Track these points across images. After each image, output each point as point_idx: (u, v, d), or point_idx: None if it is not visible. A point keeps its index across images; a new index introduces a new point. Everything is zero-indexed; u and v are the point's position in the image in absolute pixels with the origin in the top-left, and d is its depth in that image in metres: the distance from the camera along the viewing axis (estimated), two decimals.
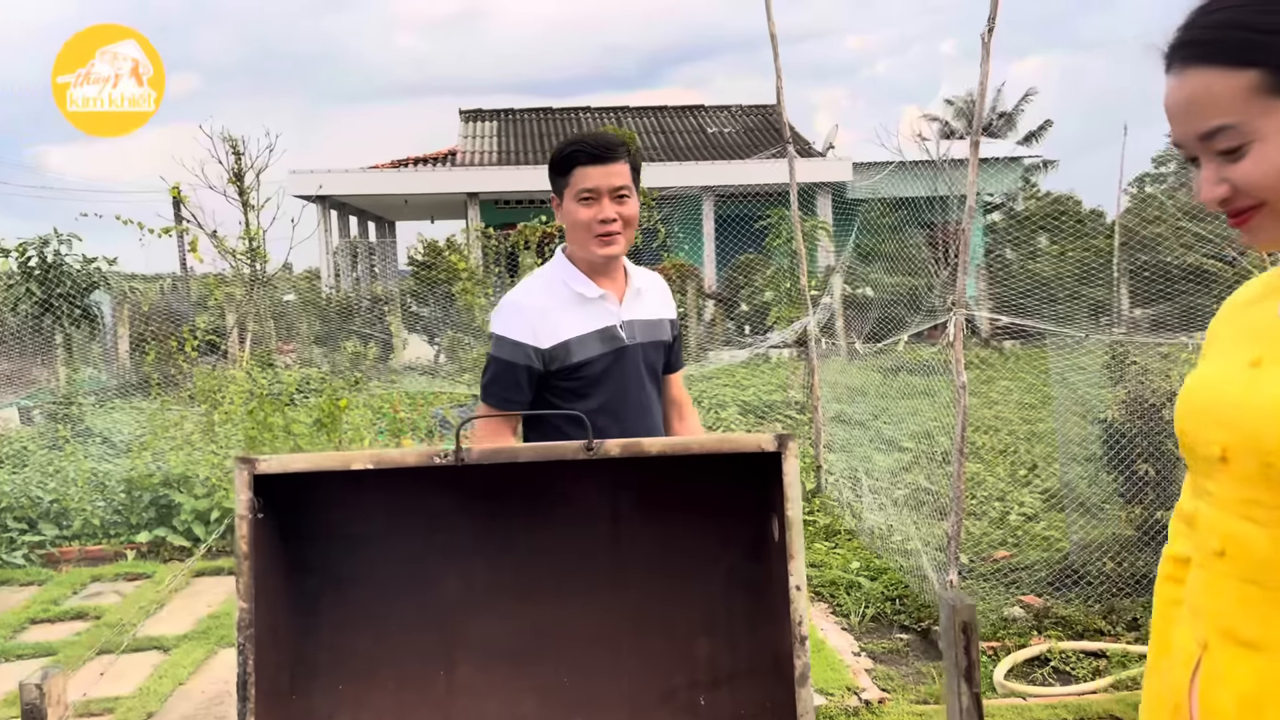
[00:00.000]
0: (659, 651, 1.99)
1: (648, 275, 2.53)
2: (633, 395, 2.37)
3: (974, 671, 1.41)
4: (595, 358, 2.32)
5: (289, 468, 1.66)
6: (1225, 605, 1.08)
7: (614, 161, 2.30)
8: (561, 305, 2.34)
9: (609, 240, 2.31)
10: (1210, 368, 1.17)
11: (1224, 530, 1.09)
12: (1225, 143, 1.03)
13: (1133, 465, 4.67)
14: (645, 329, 2.41)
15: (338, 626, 1.92)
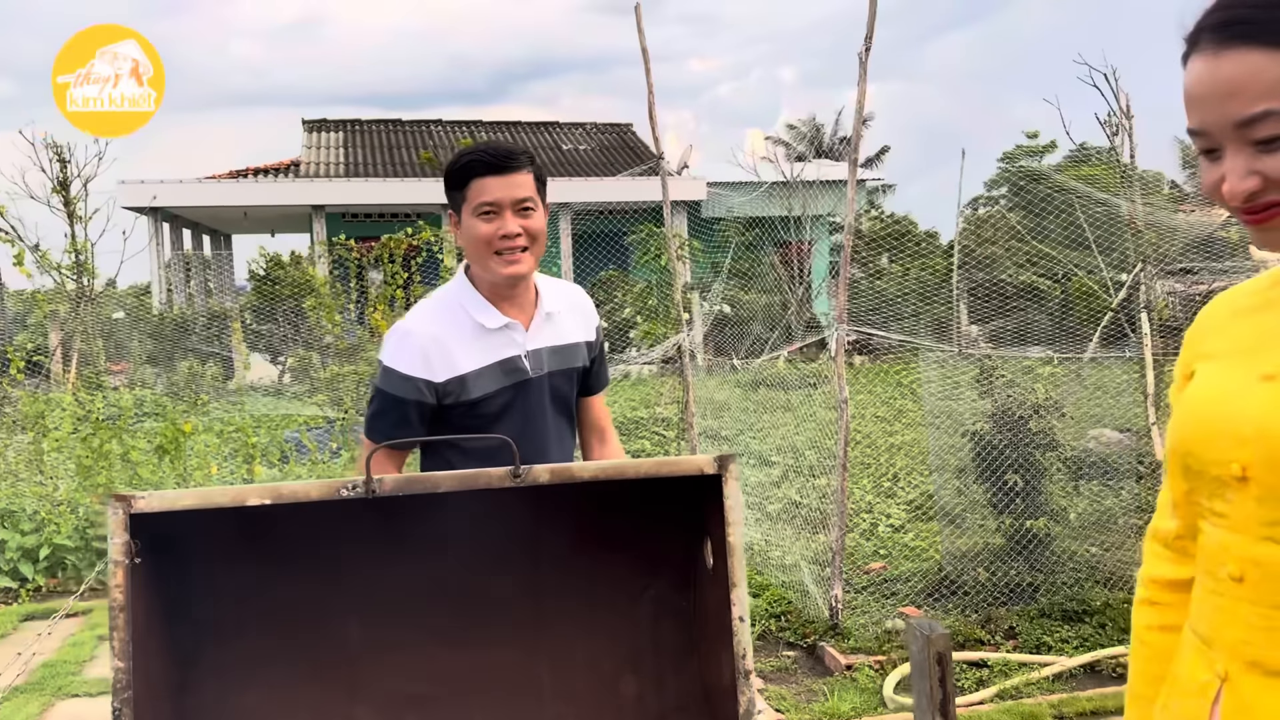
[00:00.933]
0: (583, 693, 1.84)
1: (565, 293, 2.31)
2: (538, 430, 2.18)
3: (949, 705, 1.32)
4: (495, 393, 2.13)
5: (173, 505, 1.43)
6: (1248, 634, 1.02)
7: (515, 171, 2.10)
8: (459, 334, 2.13)
9: (513, 259, 2.10)
10: (1214, 383, 1.10)
11: (1243, 554, 1.02)
12: (1267, 130, 0.95)
13: (1002, 476, 4.81)
14: (555, 357, 2.21)
15: (224, 681, 1.69)
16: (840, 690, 3.92)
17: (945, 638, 1.30)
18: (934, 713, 1.31)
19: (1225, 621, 1.05)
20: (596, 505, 1.81)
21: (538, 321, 2.19)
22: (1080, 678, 4.02)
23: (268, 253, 17.40)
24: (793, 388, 11.39)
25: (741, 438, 8.85)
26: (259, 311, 15.94)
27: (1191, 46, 0.99)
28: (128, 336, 13.26)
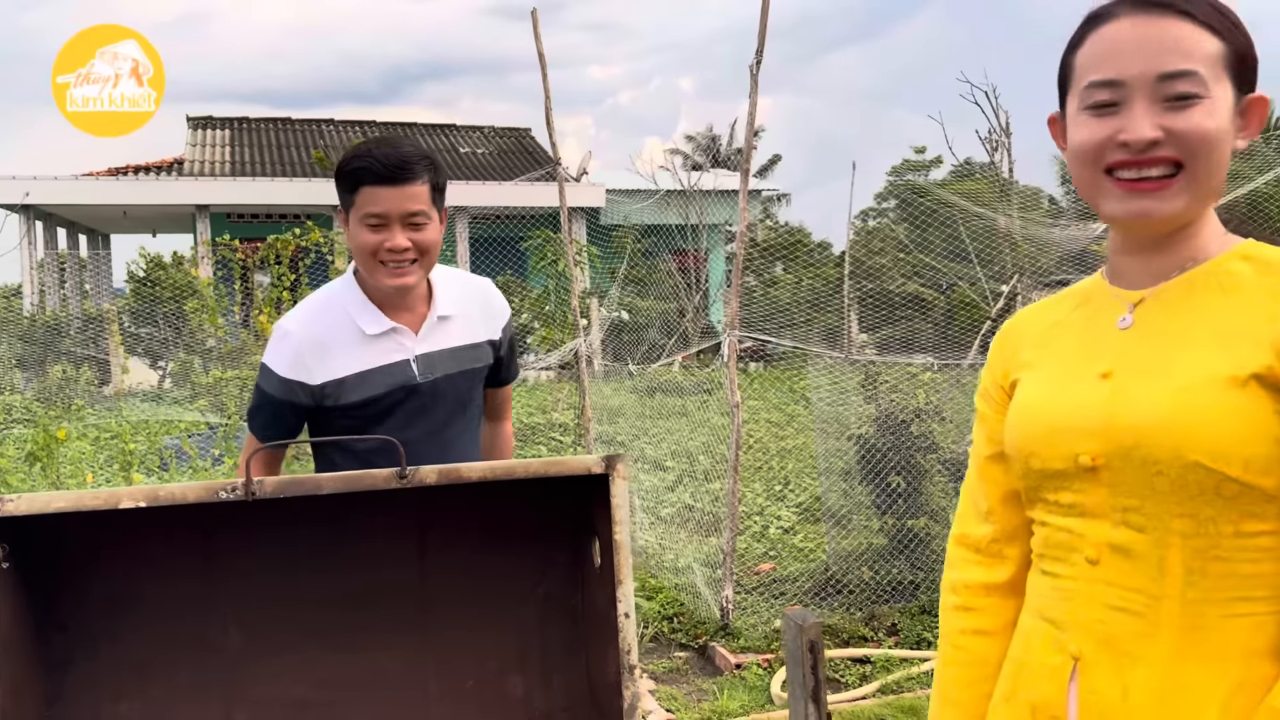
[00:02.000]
0: (469, 692, 1.85)
1: (468, 291, 2.22)
2: (430, 433, 2.12)
3: (820, 691, 1.38)
4: (379, 396, 2.06)
5: (44, 508, 1.39)
6: (1102, 614, 1.09)
7: (409, 183, 1.96)
8: (341, 337, 2.05)
9: (399, 272, 2.00)
10: (1048, 387, 1.18)
11: (1098, 539, 1.09)
12: (1184, 87, 1.05)
13: (885, 478, 4.97)
14: (450, 360, 2.14)
15: (96, 691, 1.64)
16: (729, 689, 4.00)
17: (816, 627, 1.37)
18: (806, 699, 1.37)
19: (1079, 605, 1.11)
20: (486, 505, 1.82)
21: (429, 325, 2.11)
22: None
23: (148, 253, 16.74)
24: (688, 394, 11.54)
25: (637, 443, 8.92)
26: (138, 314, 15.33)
27: (1105, 16, 1.10)
28: None
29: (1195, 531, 1.03)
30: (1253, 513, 1.01)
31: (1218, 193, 1.09)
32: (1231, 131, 1.08)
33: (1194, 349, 1.05)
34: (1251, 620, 1.01)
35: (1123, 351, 1.11)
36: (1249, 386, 1.00)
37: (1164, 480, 1.03)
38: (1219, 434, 1.00)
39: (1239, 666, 1.02)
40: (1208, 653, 1.03)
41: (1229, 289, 1.06)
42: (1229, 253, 1.09)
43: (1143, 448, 1.04)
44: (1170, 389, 1.04)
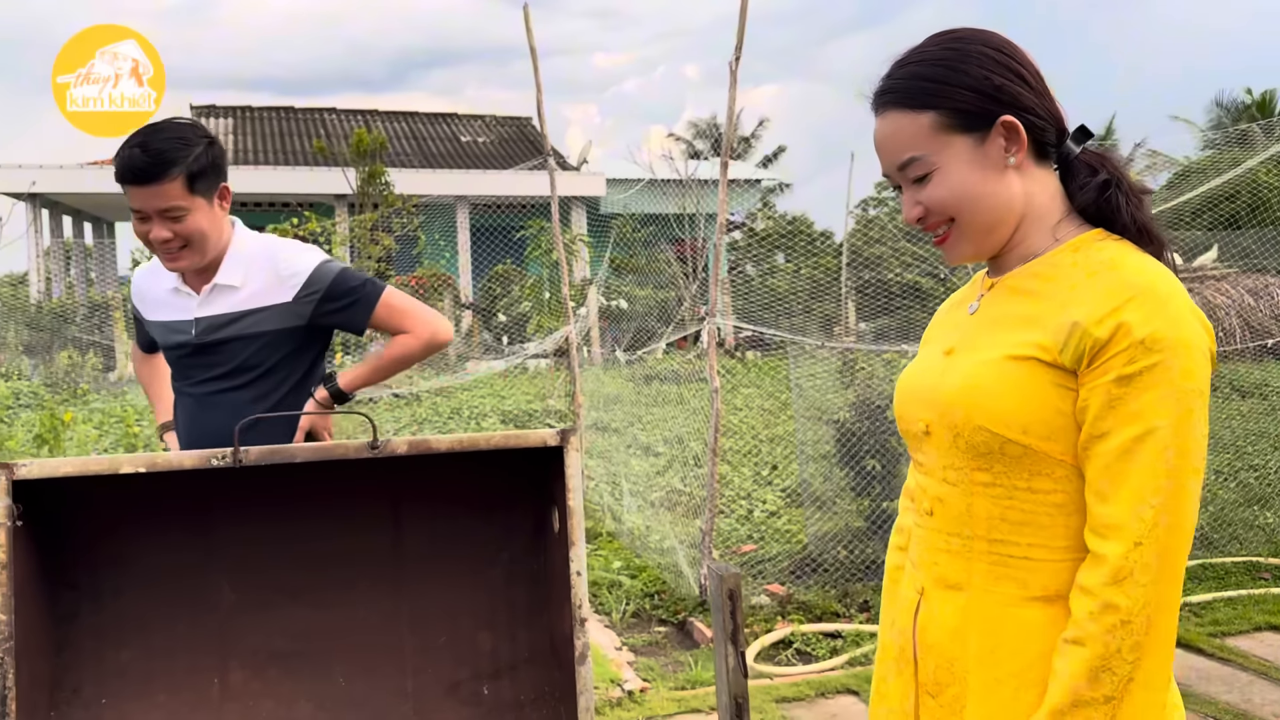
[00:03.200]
0: (442, 646, 2.03)
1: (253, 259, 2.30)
2: (216, 392, 2.29)
3: (739, 634, 1.56)
4: (170, 346, 2.35)
5: (53, 472, 1.58)
6: (935, 556, 1.30)
7: (157, 182, 2.09)
8: (158, 287, 2.37)
9: (171, 258, 2.21)
10: (919, 360, 1.41)
11: (932, 493, 1.30)
12: (916, 171, 1.24)
13: (862, 462, 5.15)
14: (229, 325, 2.27)
15: (101, 640, 1.83)
16: (704, 661, 4.18)
17: (736, 577, 1.54)
18: (726, 640, 1.55)
19: (922, 549, 1.33)
20: (457, 474, 2.00)
21: (207, 291, 2.27)
22: None
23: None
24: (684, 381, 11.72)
25: (630, 429, 9.10)
26: None
27: (872, 109, 1.30)
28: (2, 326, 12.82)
29: (992, 482, 1.21)
30: (1042, 472, 1.18)
31: (1006, 218, 1.25)
32: (988, 168, 1.23)
33: (1001, 331, 1.24)
34: (1050, 565, 1.19)
35: (964, 333, 1.31)
36: (1028, 364, 1.17)
37: (963, 440, 1.22)
38: (997, 403, 1.18)
39: (1040, 602, 1.20)
40: (1012, 587, 1.21)
41: (1046, 278, 1.22)
42: (1060, 248, 1.24)
43: (948, 414, 1.24)
44: (970, 365, 1.23)
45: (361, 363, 2.49)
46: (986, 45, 1.24)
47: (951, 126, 1.22)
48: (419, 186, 15.96)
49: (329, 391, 2.39)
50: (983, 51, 1.23)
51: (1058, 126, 1.26)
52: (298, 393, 2.37)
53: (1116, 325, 1.12)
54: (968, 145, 1.22)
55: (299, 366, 2.37)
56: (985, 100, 1.22)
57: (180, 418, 2.40)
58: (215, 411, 2.27)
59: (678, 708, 3.74)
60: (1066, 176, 1.27)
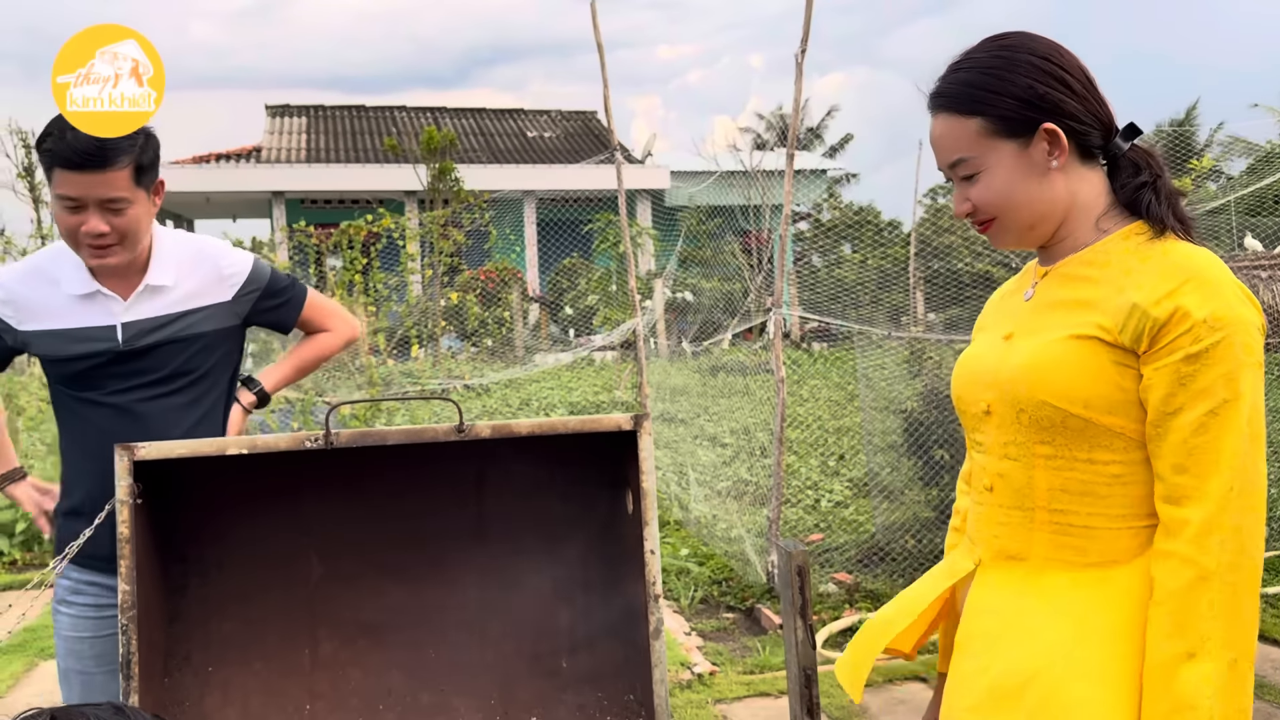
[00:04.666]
0: (521, 621, 2.12)
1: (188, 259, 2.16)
2: (136, 393, 2.09)
3: (808, 609, 1.62)
4: (79, 355, 2.05)
5: (168, 454, 1.70)
6: (995, 529, 1.37)
7: (103, 170, 1.91)
8: (47, 292, 2.07)
9: (101, 255, 1.98)
10: (976, 345, 1.48)
11: (992, 470, 1.37)
12: (964, 171, 1.33)
13: (930, 451, 5.15)
14: (161, 328, 2.09)
15: (205, 611, 1.96)
16: (773, 646, 4.24)
17: (804, 554, 1.60)
18: (795, 614, 1.61)
19: (982, 523, 1.40)
20: (536, 458, 2.09)
21: (138, 294, 2.08)
22: None
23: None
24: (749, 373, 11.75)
25: (698, 421, 9.16)
26: None
27: (928, 108, 1.38)
28: None
29: (1054, 455, 1.27)
30: (1101, 444, 1.24)
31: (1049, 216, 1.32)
32: (1031, 171, 1.30)
33: (1059, 314, 1.30)
34: (1108, 533, 1.26)
35: (1021, 318, 1.38)
36: (1090, 343, 1.24)
37: (1025, 416, 1.29)
38: (1061, 379, 1.25)
39: (1096, 567, 1.26)
40: (1071, 555, 1.28)
41: (1099, 265, 1.29)
42: (1110, 237, 1.30)
43: (1011, 393, 1.30)
44: (1033, 346, 1.29)
45: (282, 363, 2.38)
46: (1033, 54, 1.31)
47: (996, 132, 1.30)
48: (487, 182, 16.18)
49: (254, 394, 2.28)
50: (1029, 60, 1.30)
51: (1105, 127, 1.33)
52: (229, 395, 2.27)
53: (1174, 307, 1.18)
54: (1011, 150, 1.30)
55: (229, 368, 2.26)
56: (1028, 108, 1.29)
57: (83, 429, 2.10)
58: (145, 420, 2.06)
59: (746, 690, 3.80)
60: (1114, 171, 1.34)
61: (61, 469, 2.18)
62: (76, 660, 2.08)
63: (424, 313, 11.23)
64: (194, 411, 2.14)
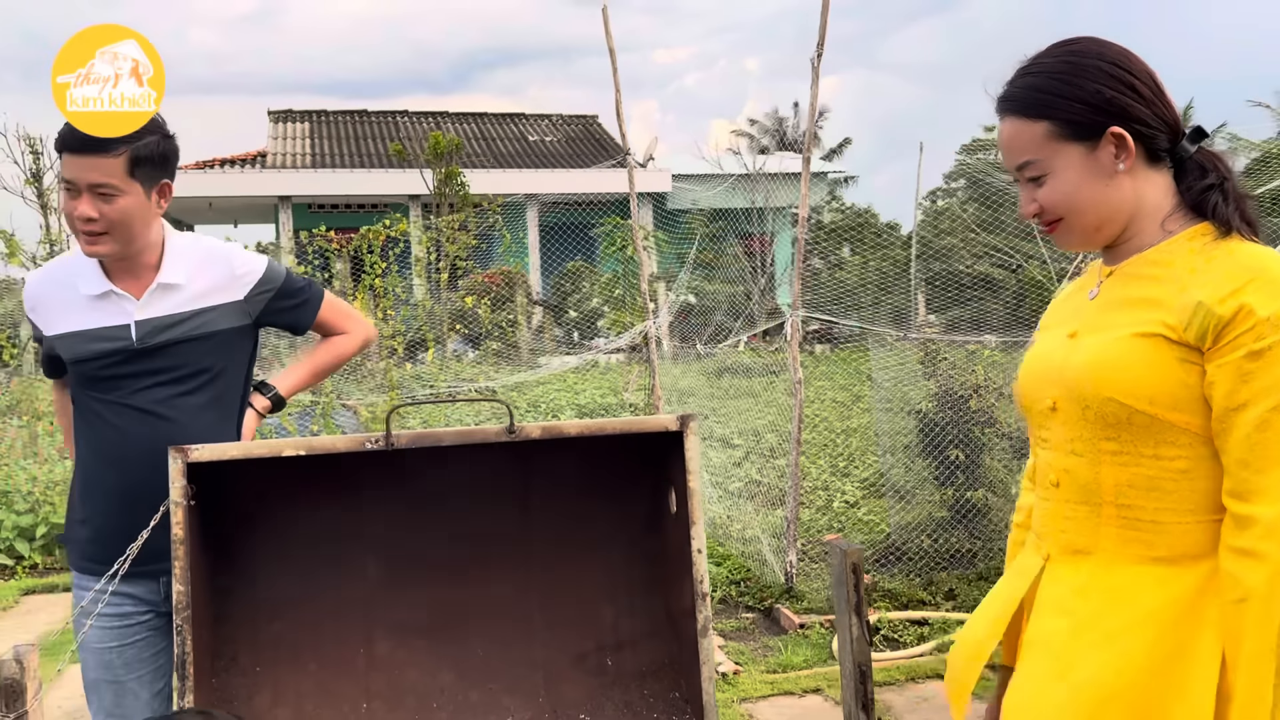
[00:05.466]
0: (567, 620, 2.14)
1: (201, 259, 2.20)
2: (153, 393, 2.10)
3: (862, 605, 1.64)
4: (95, 356, 2.08)
5: (221, 455, 1.72)
6: (1061, 524, 1.40)
7: (96, 154, 1.96)
8: (64, 295, 2.12)
9: (91, 241, 2.02)
10: (1041, 344, 1.50)
11: (1058, 466, 1.39)
12: (1031, 172, 1.36)
13: (944, 452, 5.17)
14: (178, 328, 2.12)
15: (255, 612, 1.98)
16: (794, 645, 4.26)
17: (859, 552, 1.62)
18: (850, 611, 1.63)
19: (1048, 519, 1.42)
20: (579, 459, 2.11)
21: (151, 292, 2.11)
22: None
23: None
24: (755, 374, 11.77)
25: (706, 423, 9.18)
26: None
27: (996, 111, 1.40)
28: None
29: (1120, 450, 1.30)
30: (1167, 440, 1.27)
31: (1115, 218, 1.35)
32: (1098, 174, 1.33)
33: (1124, 312, 1.32)
34: (1177, 527, 1.28)
35: (1086, 316, 1.40)
36: (1155, 340, 1.26)
37: (1091, 413, 1.31)
38: (1126, 376, 1.27)
39: (1163, 562, 1.28)
40: (1139, 549, 1.30)
41: (1164, 265, 1.32)
42: (1174, 238, 1.33)
43: (1076, 389, 1.33)
44: (1099, 343, 1.32)
45: (297, 366, 2.39)
46: (1101, 59, 1.34)
47: (1064, 136, 1.33)
48: (489, 186, 16.19)
49: (269, 399, 2.28)
50: (1097, 65, 1.33)
51: (1171, 130, 1.35)
52: (245, 396, 2.28)
53: (1239, 305, 1.21)
54: (1079, 153, 1.33)
55: (244, 367, 2.27)
56: (1096, 113, 1.32)
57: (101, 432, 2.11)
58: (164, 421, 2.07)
59: (771, 689, 3.82)
60: (1180, 173, 1.36)
61: (76, 475, 2.19)
62: (107, 670, 2.06)
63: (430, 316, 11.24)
64: (211, 411, 2.15)
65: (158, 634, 2.11)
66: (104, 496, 2.09)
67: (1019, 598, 1.44)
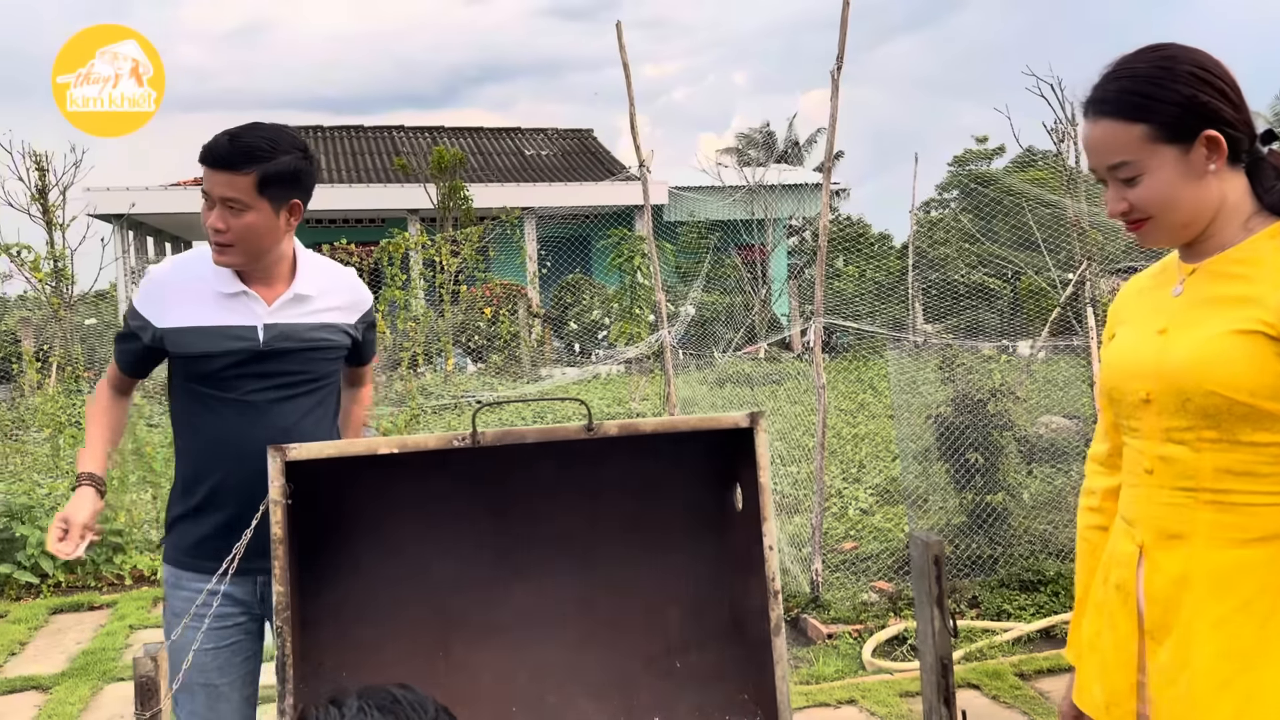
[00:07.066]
0: (635, 621, 2.17)
1: (330, 278, 2.32)
2: (278, 400, 2.18)
3: (944, 599, 1.68)
4: (219, 353, 2.15)
5: (318, 454, 1.75)
6: (1156, 510, 1.45)
7: (229, 171, 2.06)
8: (195, 289, 2.19)
9: (219, 250, 2.12)
10: (1126, 339, 1.56)
11: (1151, 454, 1.45)
12: (1125, 174, 1.42)
13: (963, 455, 5.21)
14: (300, 334, 2.21)
15: (340, 616, 2.00)
16: (824, 656, 4.27)
17: (939, 544, 1.66)
18: (932, 604, 1.66)
19: (1142, 506, 1.47)
20: (644, 458, 2.14)
21: (284, 299, 2.20)
22: (1037, 641, 4.40)
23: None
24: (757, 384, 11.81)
25: None
26: None
27: (1084, 113, 1.46)
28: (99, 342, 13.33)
29: (1218, 438, 1.36)
30: (1265, 427, 1.33)
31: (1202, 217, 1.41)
32: (1190, 175, 1.39)
33: (1217, 310, 1.39)
34: (1271, 510, 1.34)
35: (1174, 313, 1.46)
36: (1253, 336, 1.33)
37: (1192, 405, 1.37)
38: (1227, 371, 1.34)
39: (1259, 543, 1.34)
40: (1234, 532, 1.36)
41: (1251, 263, 1.38)
42: (1257, 236, 1.40)
43: (1177, 383, 1.39)
44: (1197, 339, 1.38)
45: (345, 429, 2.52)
46: (1193, 64, 1.40)
47: (1159, 138, 1.38)
48: (487, 200, 16.24)
49: None
50: (1190, 70, 1.39)
51: (1250, 133, 1.42)
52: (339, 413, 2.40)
53: None
54: (1173, 155, 1.38)
55: (339, 385, 2.38)
56: (1190, 116, 1.38)
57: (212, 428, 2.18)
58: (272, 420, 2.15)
59: (805, 701, 3.83)
60: (1254, 173, 1.43)
61: (179, 470, 2.24)
62: (200, 673, 2.07)
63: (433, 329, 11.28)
64: (315, 414, 2.24)
65: (251, 637, 2.16)
66: (211, 493, 2.14)
67: (1130, 587, 1.47)
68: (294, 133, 2.19)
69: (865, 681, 4.03)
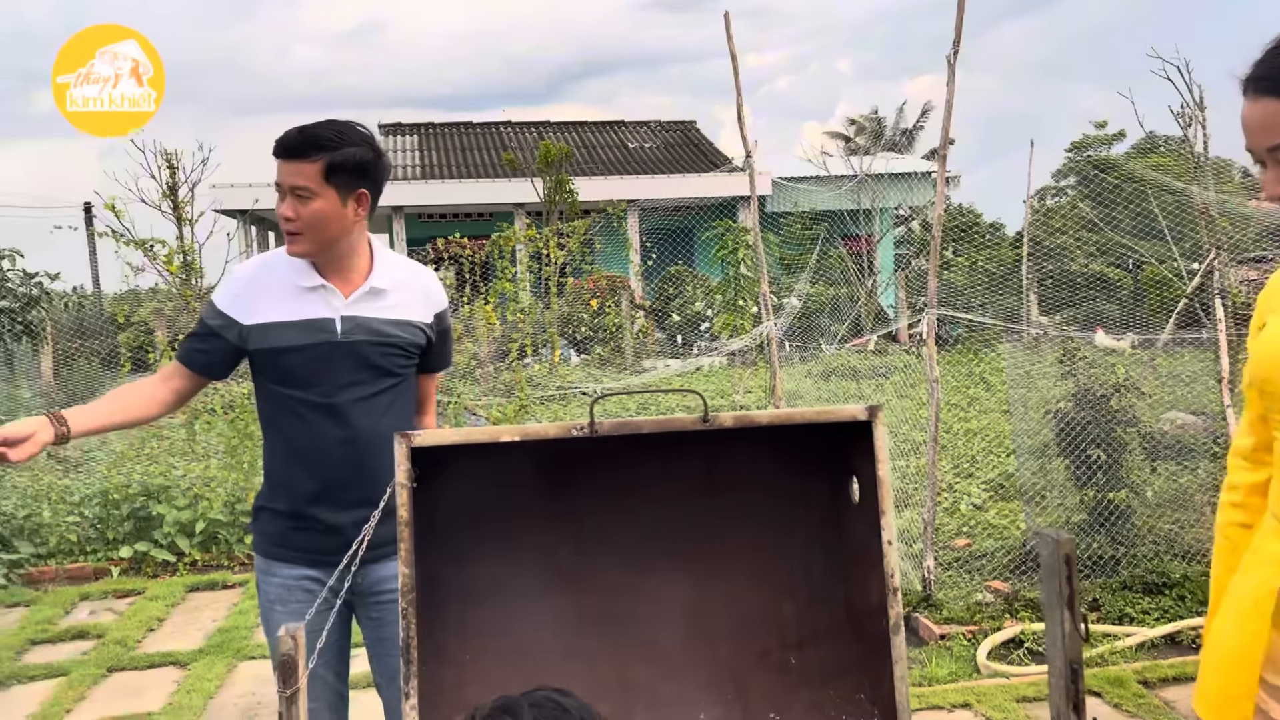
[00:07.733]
0: (749, 615, 2.15)
1: (406, 274, 2.37)
2: (346, 390, 2.24)
3: (1074, 600, 1.62)
4: (299, 346, 2.20)
5: (442, 440, 1.79)
6: None
7: (297, 160, 2.13)
8: (277, 285, 2.25)
9: (290, 240, 2.19)
10: (1277, 329, 1.46)
11: None
12: None
13: (1084, 452, 5.03)
14: (376, 328, 2.26)
15: (463, 600, 2.04)
16: (937, 658, 4.19)
17: (1070, 542, 1.60)
18: (1062, 606, 1.60)
19: None
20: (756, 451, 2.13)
21: (361, 292, 2.25)
22: (1162, 647, 4.19)
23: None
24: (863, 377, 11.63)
25: None
26: None
27: (1243, 90, 1.37)
28: None
29: None
30: None
31: None
32: None
33: None
34: None
35: None
36: None
37: None
38: None
39: None
40: None
41: None
42: None
43: None
44: None
45: None
46: None
47: None
48: (592, 193, 16.40)
49: None
50: None
51: None
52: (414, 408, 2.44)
53: None
54: None
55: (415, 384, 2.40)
56: None
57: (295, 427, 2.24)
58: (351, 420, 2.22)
59: (918, 704, 3.76)
60: None
61: (266, 465, 2.34)
62: None
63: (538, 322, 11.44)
64: (392, 412, 2.30)
65: (341, 620, 2.27)
66: (291, 490, 2.24)
67: (1275, 589, 1.41)
68: (364, 128, 2.24)
69: (980, 685, 3.94)
